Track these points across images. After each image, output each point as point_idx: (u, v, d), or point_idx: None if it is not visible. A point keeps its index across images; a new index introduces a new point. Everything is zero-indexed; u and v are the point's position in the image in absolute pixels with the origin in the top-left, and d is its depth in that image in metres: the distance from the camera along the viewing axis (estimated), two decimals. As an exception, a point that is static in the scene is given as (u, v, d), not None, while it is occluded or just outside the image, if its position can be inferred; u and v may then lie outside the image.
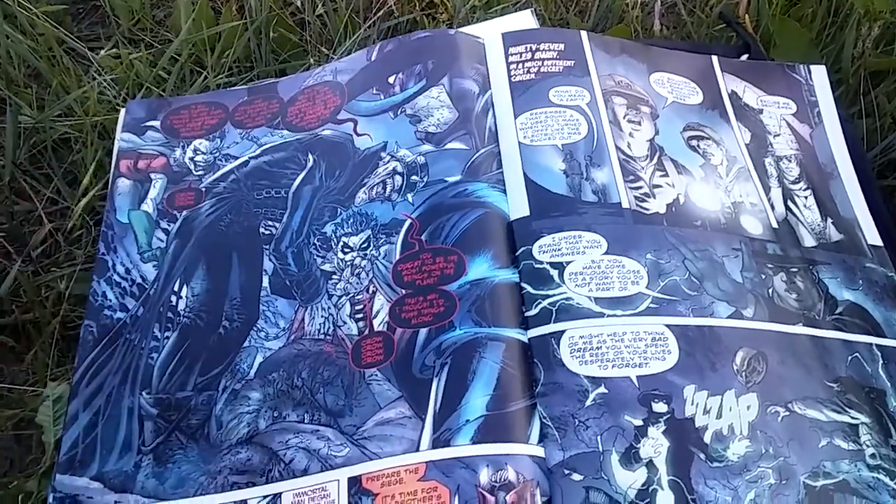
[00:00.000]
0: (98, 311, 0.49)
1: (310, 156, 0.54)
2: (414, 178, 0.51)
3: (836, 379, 0.45)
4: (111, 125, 0.62)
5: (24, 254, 0.57)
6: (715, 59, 0.59)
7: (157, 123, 0.58)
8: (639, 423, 0.41)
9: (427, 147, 0.52)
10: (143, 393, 0.46)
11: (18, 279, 0.55)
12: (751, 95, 0.58)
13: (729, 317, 0.46)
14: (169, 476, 0.43)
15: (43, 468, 0.47)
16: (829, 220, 0.53)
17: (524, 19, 0.60)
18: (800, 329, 0.47)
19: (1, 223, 0.59)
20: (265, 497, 0.42)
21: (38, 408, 0.49)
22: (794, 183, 0.54)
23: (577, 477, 0.40)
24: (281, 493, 0.42)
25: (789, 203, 0.53)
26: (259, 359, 0.47)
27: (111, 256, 0.52)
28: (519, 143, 0.51)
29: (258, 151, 0.55)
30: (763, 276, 0.49)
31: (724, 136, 0.55)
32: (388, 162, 0.52)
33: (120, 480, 0.43)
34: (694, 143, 0.54)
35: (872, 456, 0.43)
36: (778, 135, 0.57)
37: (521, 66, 0.55)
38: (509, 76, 0.54)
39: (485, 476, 0.39)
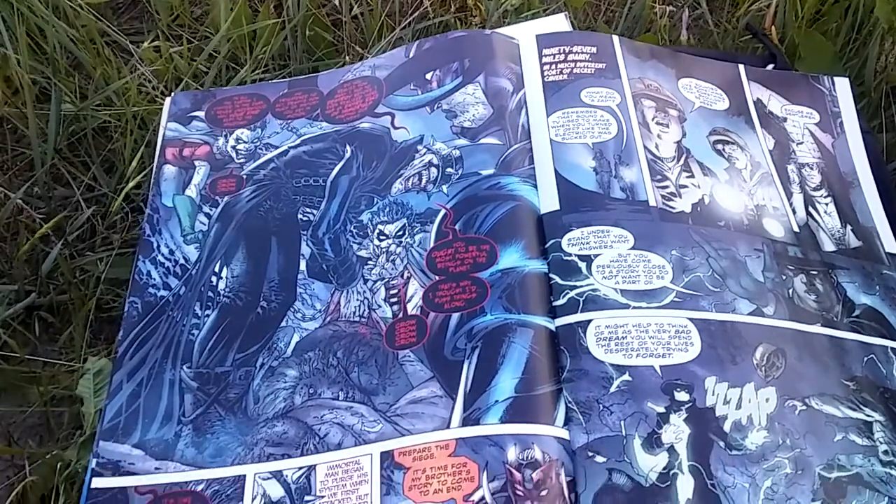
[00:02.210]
0: (142, 288, 0.51)
1: (348, 147, 0.56)
2: (449, 170, 0.53)
3: (852, 378, 0.47)
4: (150, 116, 0.64)
5: (62, 238, 0.59)
6: (742, 67, 0.61)
7: (201, 114, 0.60)
8: (661, 410, 0.43)
9: (462, 141, 0.54)
10: (184, 367, 0.48)
11: (57, 260, 0.57)
12: (775, 104, 0.60)
13: (750, 313, 0.47)
14: (207, 445, 0.45)
15: (83, 437, 0.49)
16: (849, 227, 0.55)
17: (558, 22, 0.62)
18: (818, 329, 0.48)
19: (40, 207, 0.62)
20: (300, 469, 0.43)
21: (79, 380, 0.51)
22: (815, 190, 0.56)
23: (600, 459, 0.41)
24: (315, 466, 0.43)
25: (810, 209, 0.55)
26: (296, 338, 0.48)
27: (156, 238, 0.54)
28: (551, 140, 0.53)
29: (298, 141, 0.57)
30: (784, 277, 0.50)
31: (749, 141, 0.57)
32: (424, 154, 0.54)
33: (161, 448, 0.45)
34: (719, 146, 0.56)
35: (885, 452, 0.44)
36: (801, 143, 0.58)
37: (554, 66, 0.57)
38: (543, 76, 0.56)
39: (512, 454, 0.41)
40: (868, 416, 0.46)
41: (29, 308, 0.56)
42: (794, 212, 0.54)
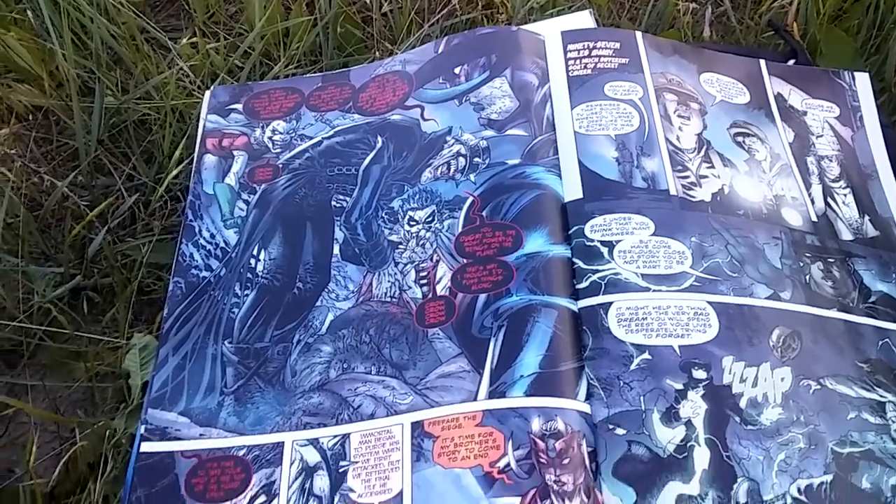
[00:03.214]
0: (186, 269, 0.54)
1: (379, 138, 0.59)
2: (476, 160, 0.55)
3: (866, 360, 0.48)
4: (187, 109, 0.67)
5: (106, 224, 0.61)
6: (763, 62, 0.62)
7: (239, 106, 0.63)
8: (679, 386, 0.45)
9: (489, 132, 0.56)
10: (226, 342, 0.51)
11: (101, 246, 0.60)
12: (796, 98, 0.61)
13: (767, 298, 0.49)
14: (248, 415, 0.48)
15: (130, 408, 0.52)
16: (867, 217, 0.56)
17: (583, 19, 0.64)
18: (834, 313, 0.50)
19: (83, 195, 0.64)
20: (335, 437, 0.46)
21: (125, 355, 0.54)
22: (834, 181, 0.57)
23: (620, 431, 0.43)
24: (350, 434, 0.46)
25: (829, 199, 0.56)
26: (330, 317, 0.51)
27: (198, 223, 0.56)
28: (575, 132, 0.55)
29: (331, 133, 0.60)
30: (801, 264, 0.52)
31: (769, 134, 0.58)
32: (453, 145, 0.56)
33: (205, 416, 0.48)
34: (740, 139, 0.57)
35: (898, 430, 0.46)
36: (820, 136, 0.60)
37: (578, 61, 0.59)
38: (567, 71, 0.58)
39: (536, 425, 0.43)
40: (881, 396, 0.47)
41: (74, 290, 0.59)
42: (812, 202, 0.56)
